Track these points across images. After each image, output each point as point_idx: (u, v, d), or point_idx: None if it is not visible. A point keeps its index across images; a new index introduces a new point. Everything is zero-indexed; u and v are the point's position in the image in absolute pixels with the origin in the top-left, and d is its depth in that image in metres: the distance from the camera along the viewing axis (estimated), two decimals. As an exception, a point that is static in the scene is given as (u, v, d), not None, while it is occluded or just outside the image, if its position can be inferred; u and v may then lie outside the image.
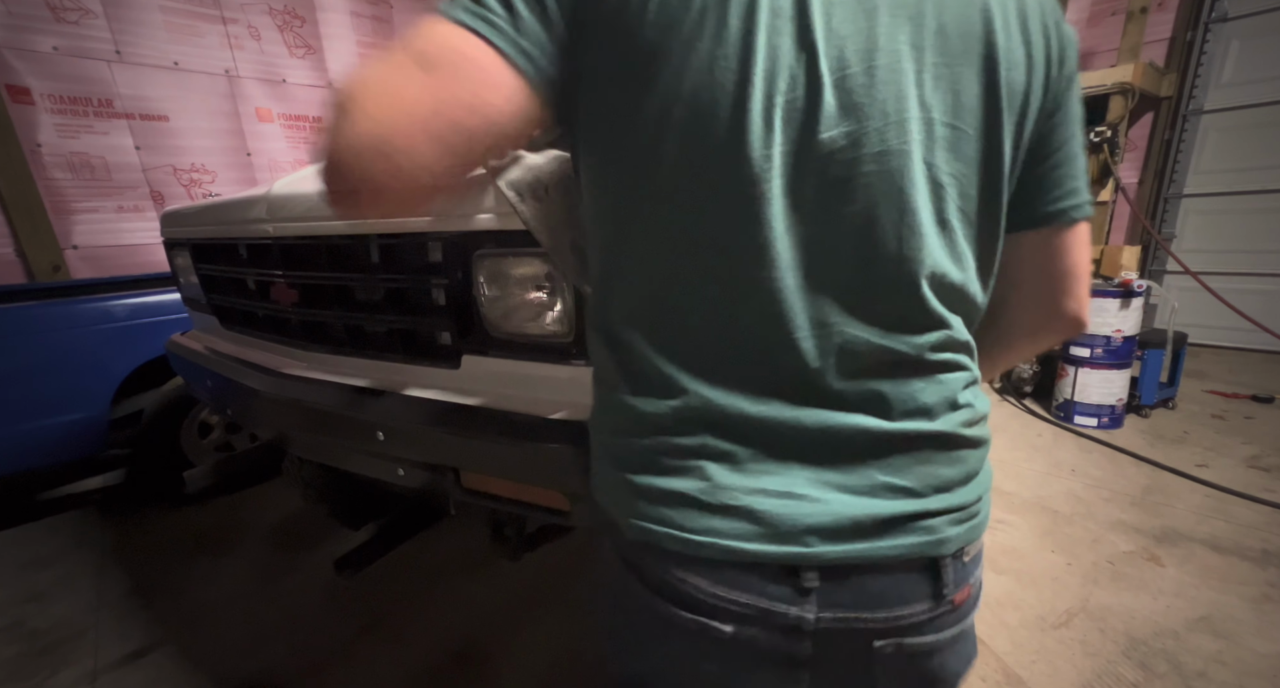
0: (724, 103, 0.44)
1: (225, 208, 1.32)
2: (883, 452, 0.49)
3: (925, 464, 0.50)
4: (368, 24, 4.51)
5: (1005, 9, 0.50)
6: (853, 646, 0.50)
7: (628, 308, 0.52)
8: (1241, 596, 1.74)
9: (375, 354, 1.13)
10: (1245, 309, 3.10)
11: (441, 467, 1.02)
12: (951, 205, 0.50)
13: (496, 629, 1.76)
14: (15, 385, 2.18)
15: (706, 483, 0.49)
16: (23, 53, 3.20)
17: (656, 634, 0.53)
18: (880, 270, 0.48)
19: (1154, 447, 2.76)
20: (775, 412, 0.49)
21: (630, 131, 0.47)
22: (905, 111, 0.46)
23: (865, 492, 0.49)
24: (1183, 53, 4.17)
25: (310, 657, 1.70)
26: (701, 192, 0.47)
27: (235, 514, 2.58)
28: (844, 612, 0.49)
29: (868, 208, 0.46)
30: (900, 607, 0.50)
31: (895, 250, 0.48)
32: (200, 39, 3.76)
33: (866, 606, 0.49)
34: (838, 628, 0.49)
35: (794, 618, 0.48)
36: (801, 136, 0.45)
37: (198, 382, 1.50)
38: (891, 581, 0.49)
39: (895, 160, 0.46)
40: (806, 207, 0.46)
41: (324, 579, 2.04)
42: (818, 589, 0.48)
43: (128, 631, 1.86)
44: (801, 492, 0.48)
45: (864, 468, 0.49)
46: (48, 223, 3.33)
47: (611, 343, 0.54)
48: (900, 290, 0.49)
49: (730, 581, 0.48)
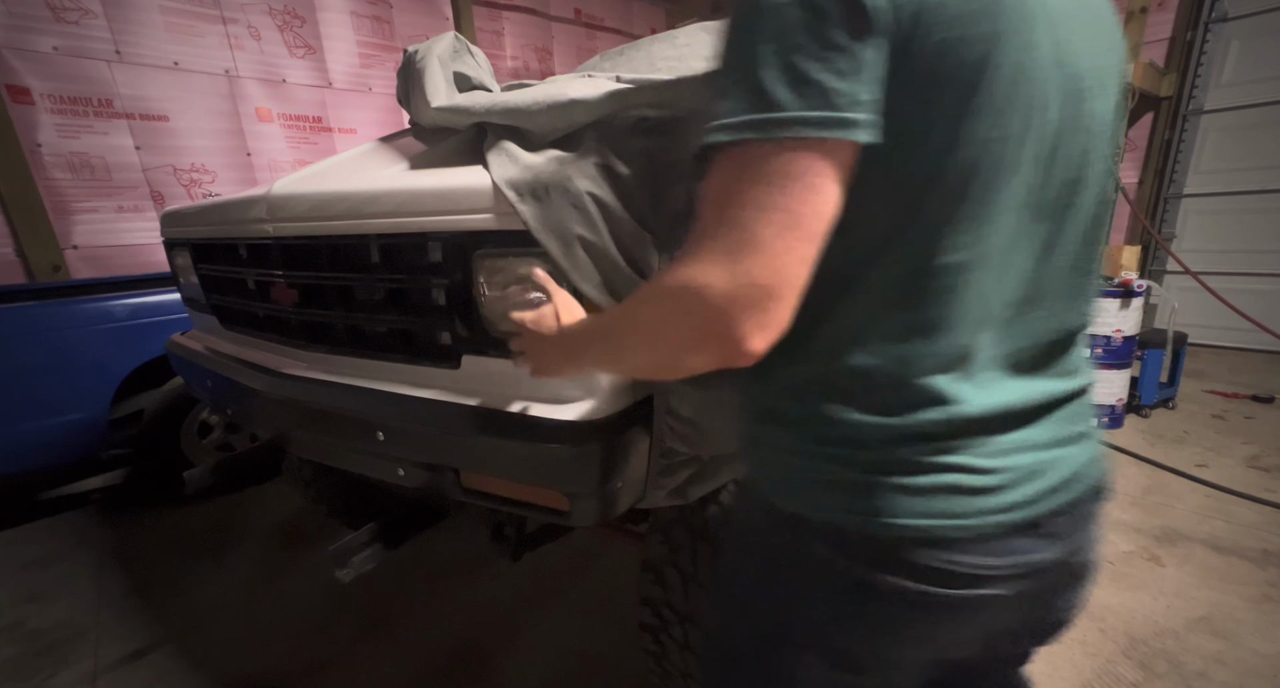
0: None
1: (225, 208, 1.32)
2: (1073, 407, 0.59)
3: (1085, 411, 0.62)
4: (368, 24, 4.51)
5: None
6: (1065, 570, 0.60)
7: (879, 324, 0.54)
8: (1241, 596, 1.74)
9: (375, 354, 1.13)
10: (1245, 309, 3.10)
11: (441, 467, 1.02)
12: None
13: (496, 629, 1.76)
14: (15, 385, 2.18)
15: (965, 472, 0.53)
16: (23, 53, 3.20)
17: (904, 617, 0.56)
18: (1094, 255, 0.59)
19: (1154, 447, 2.76)
20: (1017, 390, 0.55)
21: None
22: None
23: (1074, 443, 0.58)
24: (1183, 53, 4.17)
25: (310, 657, 1.70)
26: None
27: (235, 514, 2.58)
28: (1068, 544, 0.58)
29: (1087, 208, 0.56)
30: (1093, 525, 0.62)
31: (1098, 239, 0.59)
32: (200, 39, 3.76)
33: (1079, 530, 0.60)
34: (1063, 558, 0.58)
35: (1038, 562, 0.56)
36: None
37: (198, 382, 1.50)
38: (1089, 509, 0.61)
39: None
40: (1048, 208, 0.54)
41: (324, 579, 2.04)
42: (1054, 534, 0.56)
43: (128, 631, 1.86)
44: (1042, 458, 0.56)
45: (1070, 424, 0.59)
46: (48, 223, 3.33)
47: (839, 361, 0.55)
48: (1096, 275, 0.61)
49: (991, 550, 0.54)
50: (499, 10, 5.25)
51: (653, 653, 1.13)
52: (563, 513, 0.97)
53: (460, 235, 0.93)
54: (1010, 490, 0.54)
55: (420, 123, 1.34)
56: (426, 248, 0.99)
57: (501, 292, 0.93)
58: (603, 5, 6.04)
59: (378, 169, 1.29)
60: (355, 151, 1.50)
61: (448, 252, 0.95)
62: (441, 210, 0.94)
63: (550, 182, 0.72)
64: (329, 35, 4.32)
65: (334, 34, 4.35)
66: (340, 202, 1.07)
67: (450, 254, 0.95)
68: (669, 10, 6.52)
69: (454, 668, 1.63)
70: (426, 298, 1.02)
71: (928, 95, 0.46)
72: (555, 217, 0.72)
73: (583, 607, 1.84)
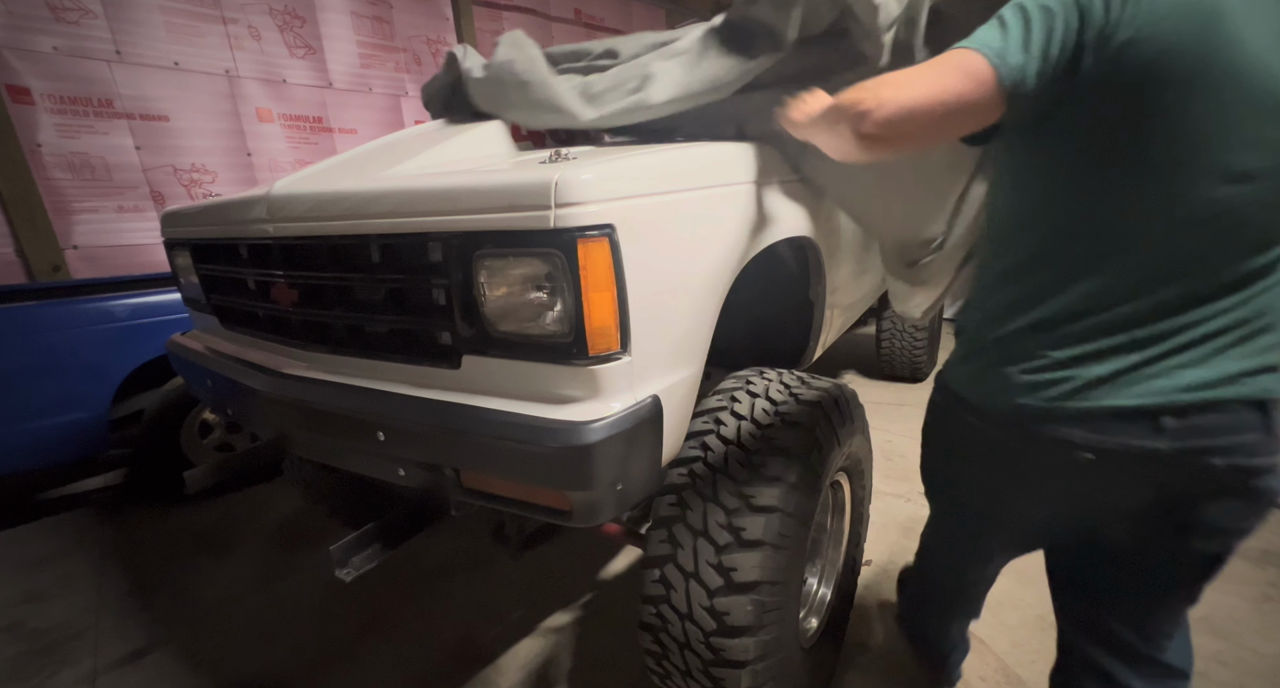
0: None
1: (225, 208, 1.32)
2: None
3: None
4: (368, 24, 4.51)
5: None
6: (1197, 464, 0.75)
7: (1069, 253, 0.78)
8: (1241, 596, 1.74)
9: (375, 354, 1.13)
10: (1245, 309, 3.10)
11: (441, 467, 1.02)
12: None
13: (496, 629, 1.77)
14: (16, 385, 2.18)
15: (1115, 369, 0.76)
16: (23, 53, 3.20)
17: (1055, 471, 0.83)
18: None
19: (1154, 447, 2.76)
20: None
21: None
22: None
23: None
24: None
25: (310, 657, 1.70)
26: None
27: (235, 514, 2.58)
28: (1192, 441, 0.74)
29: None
30: (1236, 435, 0.74)
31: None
32: (200, 39, 3.76)
33: (1209, 435, 0.73)
34: (1188, 449, 0.74)
35: (1150, 449, 0.75)
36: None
37: (198, 382, 1.50)
38: (1229, 417, 0.73)
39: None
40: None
41: (324, 579, 2.04)
42: (1172, 429, 0.73)
43: (128, 631, 1.86)
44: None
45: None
46: (48, 223, 3.33)
47: (1029, 279, 0.81)
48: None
49: (1107, 429, 0.76)
50: (499, 10, 5.25)
51: (653, 653, 1.13)
52: (565, 513, 0.97)
53: (460, 235, 0.93)
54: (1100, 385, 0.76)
55: (566, 128, 1.44)
56: (427, 248, 0.99)
57: (502, 292, 0.94)
58: (603, 5, 6.04)
59: (378, 169, 1.29)
60: (355, 151, 1.50)
61: (448, 252, 0.95)
62: (442, 210, 0.94)
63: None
64: (329, 35, 4.32)
65: (334, 34, 4.35)
66: (340, 202, 1.07)
67: (450, 254, 0.95)
68: (669, 10, 6.52)
69: (454, 668, 1.63)
70: (427, 298, 1.02)
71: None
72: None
73: (583, 607, 1.84)
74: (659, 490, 1.12)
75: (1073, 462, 0.79)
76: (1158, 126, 0.68)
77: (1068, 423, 0.78)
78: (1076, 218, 0.76)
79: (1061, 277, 0.78)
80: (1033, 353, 0.81)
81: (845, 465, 1.38)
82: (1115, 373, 0.76)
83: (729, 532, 1.02)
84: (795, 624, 1.18)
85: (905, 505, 2.30)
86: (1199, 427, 0.73)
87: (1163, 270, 0.73)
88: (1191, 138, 0.67)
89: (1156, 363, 0.74)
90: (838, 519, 1.53)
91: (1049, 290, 0.79)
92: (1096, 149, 0.72)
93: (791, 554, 1.05)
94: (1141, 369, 0.75)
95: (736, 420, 1.13)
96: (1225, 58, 0.64)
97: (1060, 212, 0.78)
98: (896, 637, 1.63)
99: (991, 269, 0.89)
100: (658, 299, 0.97)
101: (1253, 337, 0.72)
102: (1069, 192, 0.76)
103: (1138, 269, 0.74)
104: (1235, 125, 0.66)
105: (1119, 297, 0.75)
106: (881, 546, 2.06)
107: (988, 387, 0.87)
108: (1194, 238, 0.71)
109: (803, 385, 1.23)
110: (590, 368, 0.90)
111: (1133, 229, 0.73)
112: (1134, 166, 0.71)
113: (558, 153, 0.97)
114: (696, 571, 1.03)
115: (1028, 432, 0.82)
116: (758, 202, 1.25)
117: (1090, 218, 0.75)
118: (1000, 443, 0.87)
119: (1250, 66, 0.64)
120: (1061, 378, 0.78)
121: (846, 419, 1.26)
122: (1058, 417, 0.79)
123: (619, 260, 0.88)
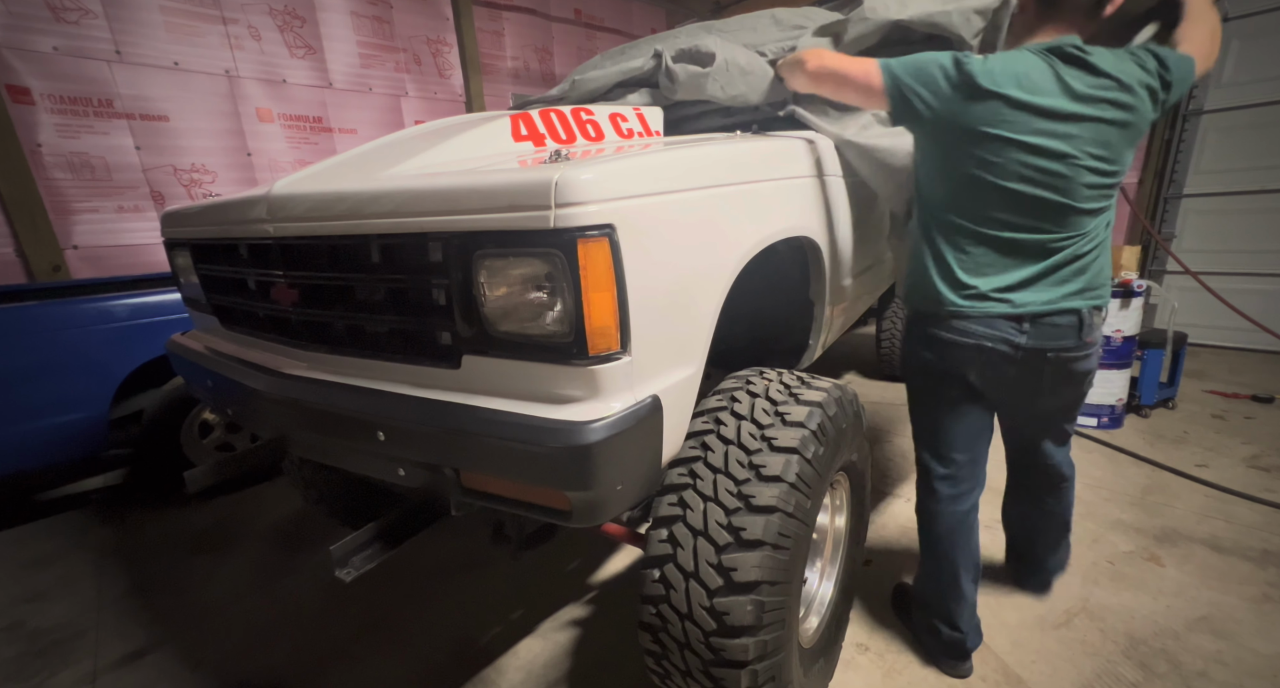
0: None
1: (225, 208, 1.32)
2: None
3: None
4: (368, 24, 4.51)
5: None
6: (1038, 357, 1.28)
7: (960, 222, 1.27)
8: (1241, 596, 1.74)
9: (375, 354, 1.13)
10: (1245, 309, 3.10)
11: (441, 467, 1.02)
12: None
13: (497, 629, 1.77)
14: (16, 385, 2.18)
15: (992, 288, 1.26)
16: (23, 53, 3.20)
17: (951, 352, 1.32)
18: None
19: (1154, 447, 2.77)
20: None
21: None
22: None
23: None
24: (1183, 53, 4.16)
25: (310, 657, 1.70)
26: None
27: (235, 514, 2.58)
28: (1038, 342, 1.26)
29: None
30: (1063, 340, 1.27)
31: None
32: (200, 39, 3.76)
33: (1049, 339, 1.26)
34: (1033, 348, 1.26)
35: (1015, 343, 1.26)
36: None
37: (198, 382, 1.50)
38: (1060, 327, 1.25)
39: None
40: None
41: (324, 579, 2.04)
42: (1029, 330, 1.25)
43: (128, 631, 1.86)
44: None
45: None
46: (48, 223, 3.33)
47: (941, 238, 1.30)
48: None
49: (988, 325, 1.27)
50: (499, 10, 5.25)
51: (653, 653, 1.13)
52: (565, 513, 0.97)
53: (460, 236, 0.93)
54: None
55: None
56: (427, 248, 0.99)
57: (502, 292, 0.94)
58: (603, 5, 6.04)
59: (378, 169, 1.29)
60: (355, 151, 1.50)
61: (448, 252, 0.95)
62: (442, 210, 0.94)
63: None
64: (329, 35, 4.32)
65: (334, 34, 4.35)
66: (341, 202, 1.07)
67: (450, 254, 0.95)
68: (669, 10, 6.52)
69: (454, 668, 1.63)
70: (427, 298, 1.02)
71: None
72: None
73: (582, 607, 1.84)
74: (659, 490, 1.12)
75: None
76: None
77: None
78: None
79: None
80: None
81: (845, 465, 1.38)
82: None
83: (729, 532, 1.02)
84: (795, 624, 1.18)
85: (905, 506, 2.30)
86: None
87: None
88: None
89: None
90: (837, 519, 1.53)
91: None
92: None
93: (791, 554, 1.05)
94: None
95: (736, 420, 1.13)
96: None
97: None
98: (901, 638, 1.64)
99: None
100: (658, 299, 0.97)
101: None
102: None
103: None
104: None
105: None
106: (881, 546, 2.06)
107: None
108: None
109: (803, 385, 1.23)
110: (590, 368, 0.90)
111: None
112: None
113: (558, 153, 0.97)
114: (696, 571, 1.03)
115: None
116: (758, 201, 1.25)
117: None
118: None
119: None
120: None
121: (846, 419, 1.26)
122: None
123: (619, 260, 0.88)
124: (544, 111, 1.56)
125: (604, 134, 1.64)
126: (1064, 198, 1.17)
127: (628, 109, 1.72)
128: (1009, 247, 1.23)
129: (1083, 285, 1.24)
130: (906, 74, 1.20)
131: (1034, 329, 1.24)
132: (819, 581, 1.51)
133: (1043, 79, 1.13)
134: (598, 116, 1.64)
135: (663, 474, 1.12)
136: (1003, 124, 1.13)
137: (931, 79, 1.18)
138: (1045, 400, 1.37)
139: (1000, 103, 1.13)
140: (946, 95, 1.16)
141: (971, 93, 1.14)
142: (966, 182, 1.21)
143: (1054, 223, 1.20)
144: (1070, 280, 1.23)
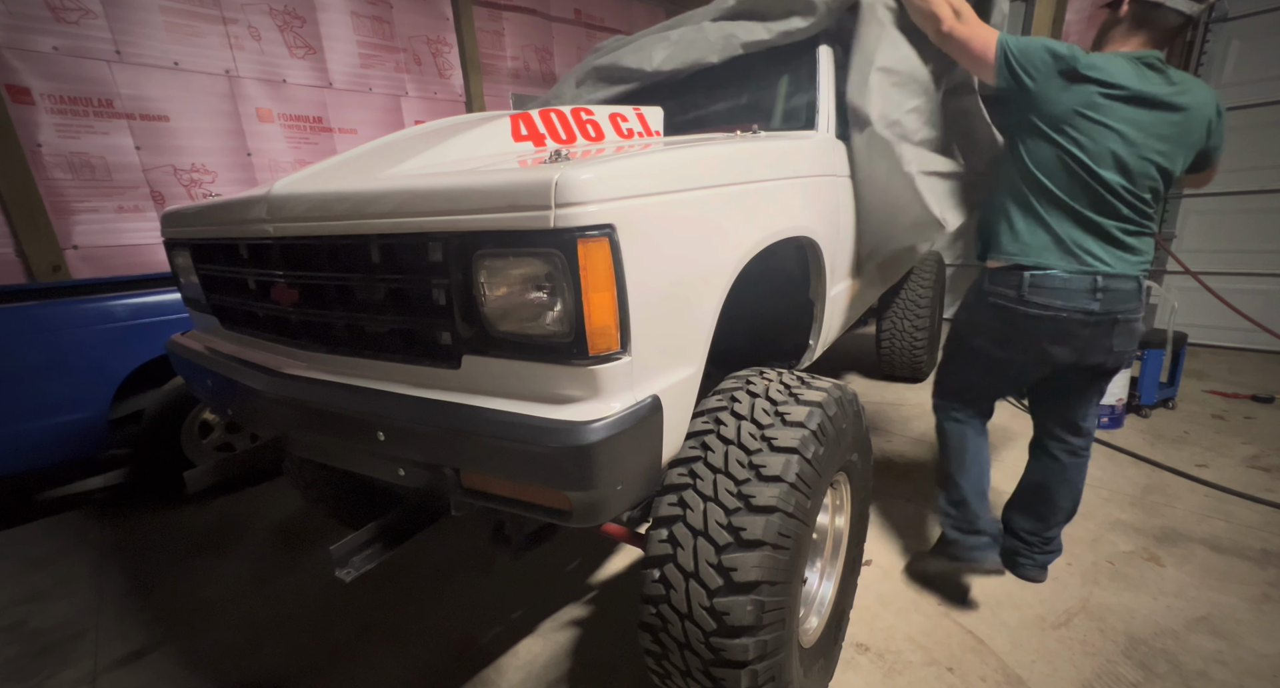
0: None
1: (225, 208, 1.32)
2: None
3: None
4: (368, 24, 4.51)
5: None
6: (1108, 320, 1.46)
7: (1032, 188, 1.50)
8: (1241, 596, 1.74)
9: (375, 354, 1.13)
10: (1245, 309, 3.09)
11: (442, 467, 1.02)
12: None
13: (497, 629, 1.77)
14: (16, 385, 2.18)
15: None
16: (23, 53, 3.20)
17: (1030, 325, 1.52)
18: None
19: (1154, 447, 2.77)
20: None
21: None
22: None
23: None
24: (1183, 53, 4.17)
25: (310, 657, 1.70)
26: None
27: (235, 514, 2.58)
28: (1109, 306, 1.45)
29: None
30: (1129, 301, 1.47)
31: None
32: (200, 39, 3.76)
33: (1119, 302, 1.46)
34: (1106, 311, 1.45)
35: (1089, 310, 1.45)
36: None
37: (198, 382, 1.50)
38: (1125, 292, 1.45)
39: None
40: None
41: (324, 579, 2.04)
42: (1101, 297, 1.45)
43: (128, 631, 1.86)
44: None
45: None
46: (48, 223, 3.33)
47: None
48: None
49: (1067, 299, 1.46)
50: (499, 10, 5.25)
51: (653, 653, 1.13)
52: (565, 513, 0.97)
53: (461, 235, 0.93)
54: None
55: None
56: (427, 248, 0.99)
57: (502, 292, 0.94)
58: (603, 5, 6.04)
59: (378, 169, 1.29)
60: (355, 151, 1.50)
61: (448, 252, 0.95)
62: (442, 210, 0.94)
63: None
64: (329, 35, 4.32)
65: (334, 34, 4.35)
66: (341, 202, 1.07)
67: (450, 254, 0.95)
68: (669, 11, 6.52)
69: (454, 668, 1.63)
70: (427, 298, 1.02)
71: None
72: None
73: (583, 607, 1.84)
74: (659, 490, 1.12)
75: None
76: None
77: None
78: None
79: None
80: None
81: (845, 465, 1.38)
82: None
83: (729, 532, 1.02)
84: (795, 624, 1.18)
85: (905, 505, 2.30)
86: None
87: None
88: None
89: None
90: (838, 519, 1.53)
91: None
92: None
93: (792, 554, 1.05)
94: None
95: (736, 420, 1.13)
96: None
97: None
98: (901, 638, 1.64)
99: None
100: (658, 299, 0.97)
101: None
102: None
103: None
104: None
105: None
106: (881, 546, 2.06)
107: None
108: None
109: (803, 385, 1.23)
110: (590, 368, 0.90)
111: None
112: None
113: (558, 153, 0.97)
114: (696, 571, 1.03)
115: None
116: (758, 201, 1.25)
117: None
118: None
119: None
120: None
121: (846, 419, 1.26)
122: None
123: (619, 260, 0.88)
124: (544, 111, 1.56)
125: (604, 134, 1.64)
126: (1125, 180, 1.40)
127: (628, 109, 1.72)
128: (1088, 215, 1.44)
129: (1141, 257, 1.48)
130: (1019, 52, 1.43)
131: (1105, 296, 1.44)
132: (819, 581, 1.51)
133: (1128, 76, 1.36)
134: (598, 116, 1.64)
135: (663, 474, 1.12)
136: (1091, 107, 1.37)
137: (1041, 60, 1.41)
138: (1107, 357, 1.54)
139: (1094, 87, 1.36)
140: (1048, 76, 1.40)
141: (1071, 77, 1.38)
142: (1056, 154, 1.43)
143: (1130, 200, 1.42)
144: (1134, 250, 1.47)
